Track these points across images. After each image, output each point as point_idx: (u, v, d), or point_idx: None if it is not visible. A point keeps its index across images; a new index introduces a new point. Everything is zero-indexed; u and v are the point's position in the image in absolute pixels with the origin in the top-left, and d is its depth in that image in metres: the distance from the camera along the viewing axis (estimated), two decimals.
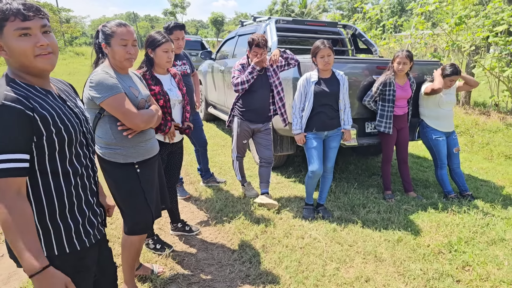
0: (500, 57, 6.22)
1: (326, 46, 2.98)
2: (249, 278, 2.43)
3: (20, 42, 1.07)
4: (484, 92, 8.16)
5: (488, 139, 5.68)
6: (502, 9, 6.26)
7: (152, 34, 2.45)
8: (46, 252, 1.15)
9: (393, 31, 9.41)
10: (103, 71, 1.84)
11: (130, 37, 1.85)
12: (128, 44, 1.85)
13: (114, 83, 1.80)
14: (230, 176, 4.24)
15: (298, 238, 2.87)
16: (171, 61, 2.46)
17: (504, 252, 2.67)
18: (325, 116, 3.11)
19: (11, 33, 1.06)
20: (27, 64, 1.10)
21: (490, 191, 3.91)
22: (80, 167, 1.25)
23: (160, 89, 2.41)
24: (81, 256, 1.24)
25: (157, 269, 2.45)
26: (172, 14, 46.76)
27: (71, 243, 1.21)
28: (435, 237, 2.87)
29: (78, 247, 1.22)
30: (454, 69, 3.49)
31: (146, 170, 2.05)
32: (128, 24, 1.90)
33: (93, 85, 1.79)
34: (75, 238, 1.22)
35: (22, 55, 1.08)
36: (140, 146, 2.00)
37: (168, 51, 2.41)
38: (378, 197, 3.69)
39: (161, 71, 2.52)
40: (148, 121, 1.92)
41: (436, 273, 2.43)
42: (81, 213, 1.25)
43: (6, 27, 1.05)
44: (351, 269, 2.51)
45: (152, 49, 2.42)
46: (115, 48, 1.84)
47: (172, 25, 3.35)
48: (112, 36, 1.84)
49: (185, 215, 3.33)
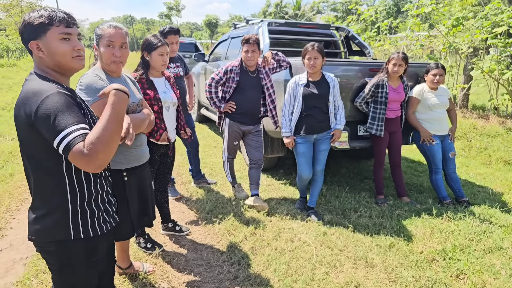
0: (500, 59, 6.14)
1: (314, 48, 2.97)
2: (238, 279, 2.40)
3: (63, 45, 1.25)
4: (483, 95, 8.08)
5: (487, 143, 5.59)
6: (501, 10, 6.19)
7: (148, 38, 2.48)
8: (73, 235, 1.29)
9: (388, 33, 9.35)
10: (93, 74, 1.81)
11: (118, 39, 1.80)
12: (114, 46, 1.80)
13: (103, 86, 1.76)
14: (221, 177, 4.20)
15: (287, 241, 2.81)
16: (166, 64, 2.51)
17: (501, 261, 2.58)
18: (313, 119, 3.08)
19: (55, 36, 1.23)
20: (63, 64, 1.27)
21: (488, 198, 3.82)
22: None
23: (154, 95, 2.42)
24: (96, 246, 1.37)
25: (147, 268, 2.46)
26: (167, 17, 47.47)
27: (94, 228, 1.35)
28: (428, 243, 2.78)
29: (99, 232, 1.36)
30: (435, 64, 3.50)
31: (134, 178, 2.02)
32: (120, 26, 1.84)
33: (83, 88, 1.76)
34: (96, 224, 1.36)
35: (62, 55, 1.25)
36: (130, 152, 1.97)
37: (164, 55, 2.46)
38: (370, 202, 3.61)
39: (156, 74, 2.55)
40: (138, 126, 1.86)
41: (429, 281, 2.36)
42: (102, 201, 1.41)
43: (50, 30, 1.23)
44: (341, 274, 2.44)
45: (148, 52, 2.46)
46: (101, 49, 1.82)
47: (167, 30, 3.39)
48: (100, 37, 1.81)
49: (175, 215, 3.31)
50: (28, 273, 2.38)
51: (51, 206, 1.27)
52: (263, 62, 3.33)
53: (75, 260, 1.32)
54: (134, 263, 2.43)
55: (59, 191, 1.26)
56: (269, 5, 40.29)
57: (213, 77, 3.33)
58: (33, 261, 2.52)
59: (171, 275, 2.44)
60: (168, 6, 45.76)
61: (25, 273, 2.39)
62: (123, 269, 2.37)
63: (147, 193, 2.18)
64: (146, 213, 2.20)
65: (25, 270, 2.44)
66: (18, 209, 3.40)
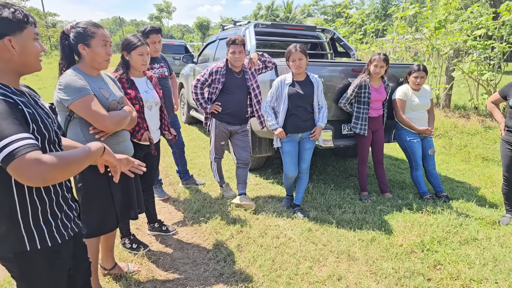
0: (479, 60, 6.36)
1: (297, 50, 3.03)
2: (223, 276, 2.44)
3: (35, 45, 1.24)
4: (464, 95, 8.33)
5: (466, 141, 5.79)
6: (480, 14, 6.42)
7: (128, 37, 2.46)
8: (29, 247, 1.22)
9: (375, 36, 9.55)
10: (72, 73, 1.82)
11: (109, 39, 1.88)
12: (107, 45, 1.86)
13: (83, 85, 1.79)
14: (209, 178, 4.24)
15: (273, 238, 2.88)
16: (147, 64, 2.49)
17: (476, 251, 2.72)
18: (298, 119, 3.16)
19: (31, 35, 1.22)
20: (32, 64, 1.25)
21: (466, 192, 3.98)
22: None
23: (135, 94, 2.41)
24: (57, 250, 1.29)
25: (132, 268, 2.46)
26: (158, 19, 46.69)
27: (52, 236, 1.27)
28: (408, 236, 2.90)
29: (59, 240, 1.28)
30: (417, 65, 3.63)
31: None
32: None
33: (62, 88, 1.78)
34: (55, 232, 1.28)
35: (34, 55, 1.24)
36: (113, 148, 1.96)
37: (144, 54, 2.44)
38: (355, 198, 3.72)
39: (137, 73, 2.54)
40: (119, 123, 1.90)
41: (407, 272, 2.46)
42: (59, 208, 1.32)
43: (27, 29, 1.20)
44: (324, 268, 2.53)
45: (127, 52, 2.44)
46: (96, 49, 1.84)
47: (149, 29, 3.39)
48: (92, 37, 1.83)
49: (163, 216, 3.32)
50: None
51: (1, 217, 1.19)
52: (249, 63, 3.38)
53: (36, 267, 1.25)
54: (119, 264, 2.43)
55: (6, 201, 1.18)
56: (261, 7, 40.48)
57: (199, 79, 3.36)
58: None
59: (156, 274, 2.46)
60: (159, 8, 45.21)
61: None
62: (107, 269, 2.37)
63: (131, 186, 2.17)
64: (130, 206, 2.19)
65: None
66: None
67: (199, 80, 3.36)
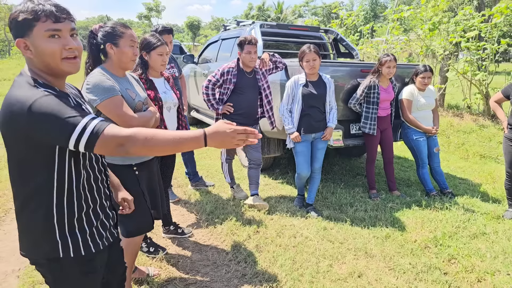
0: (472, 61, 6.56)
1: (311, 50, 3.07)
2: (246, 277, 2.45)
3: (50, 43, 1.08)
4: (457, 95, 8.55)
5: (463, 139, 5.96)
6: (472, 16, 6.61)
7: (147, 37, 2.44)
8: (62, 254, 1.17)
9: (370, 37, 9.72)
10: (99, 73, 1.82)
11: (137, 39, 1.90)
12: (135, 46, 1.88)
13: (111, 85, 1.79)
14: (218, 179, 4.25)
15: (290, 237, 2.91)
16: (166, 64, 2.48)
17: (485, 245, 2.82)
18: (312, 119, 3.20)
19: (41, 34, 1.07)
20: (52, 66, 1.11)
21: (469, 188, 4.11)
22: (92, 171, 1.26)
23: (154, 95, 2.40)
24: (91, 258, 1.25)
25: (152, 271, 2.44)
26: (147, 18, 45.64)
27: (87, 245, 1.22)
28: (421, 232, 2.98)
29: (93, 250, 1.24)
30: (423, 66, 3.73)
31: (145, 173, 2.04)
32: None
33: (90, 87, 1.77)
34: (90, 241, 1.24)
35: (50, 56, 1.09)
36: None
37: (163, 54, 2.43)
38: (364, 196, 3.80)
39: (155, 74, 2.52)
40: (145, 124, 1.90)
41: (424, 267, 2.53)
42: (96, 216, 1.28)
43: (36, 27, 1.06)
44: (344, 265, 2.58)
45: (147, 52, 2.42)
46: (124, 49, 1.85)
47: (160, 29, 3.36)
48: (121, 36, 1.84)
49: (175, 218, 3.30)
50: (24, 285, 2.30)
51: (35, 221, 1.15)
52: (261, 64, 3.39)
53: (69, 274, 1.22)
54: (139, 268, 2.41)
55: (45, 204, 1.14)
56: (252, 8, 40.35)
57: (210, 79, 3.33)
58: (28, 272, 2.43)
59: (178, 277, 2.45)
60: (148, 7, 44.26)
61: (20, 285, 2.32)
62: None
63: (155, 186, 2.20)
64: (154, 206, 2.19)
65: (19, 282, 2.35)
66: (3, 220, 3.23)
67: (210, 80, 3.34)
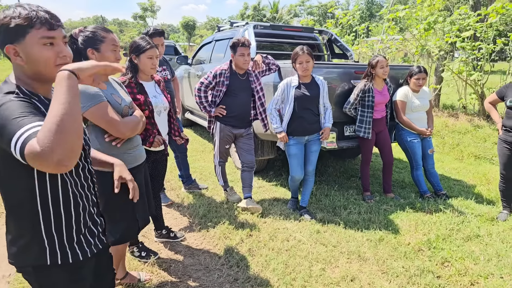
0: (467, 61, 6.56)
1: (304, 52, 3.04)
2: (238, 282, 2.43)
3: (44, 51, 1.07)
4: (452, 95, 8.57)
5: (458, 140, 5.96)
6: (468, 15, 6.61)
7: (136, 40, 2.41)
8: (49, 261, 1.16)
9: (366, 36, 9.72)
10: None
11: (118, 43, 1.86)
12: (117, 50, 1.85)
13: (96, 92, 1.74)
14: (212, 182, 4.22)
15: (283, 241, 2.89)
16: (156, 67, 2.44)
17: (479, 247, 2.81)
18: (305, 121, 3.18)
19: (35, 41, 1.05)
20: (45, 73, 1.09)
21: (463, 190, 4.10)
22: (78, 178, 1.24)
23: (145, 99, 2.36)
24: (79, 266, 1.24)
25: (144, 276, 2.41)
26: (142, 18, 45.46)
27: (74, 253, 1.21)
28: (414, 235, 2.97)
29: (81, 258, 1.23)
30: (417, 67, 3.71)
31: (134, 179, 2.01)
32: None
33: None
34: (77, 248, 1.23)
35: (44, 63, 1.08)
36: (128, 153, 1.96)
37: (153, 58, 2.39)
38: (358, 198, 3.78)
39: (145, 77, 2.48)
40: (134, 128, 1.88)
41: (417, 270, 2.52)
42: (84, 223, 1.26)
43: (30, 34, 1.05)
44: (337, 269, 2.56)
45: (136, 55, 2.37)
46: (106, 54, 1.81)
47: (152, 31, 3.33)
48: (102, 41, 1.80)
49: (168, 222, 3.27)
50: None
51: (22, 228, 1.15)
52: (254, 66, 3.36)
53: (57, 282, 1.21)
54: (130, 273, 2.38)
55: (30, 211, 1.12)
56: (247, 7, 40.29)
57: (202, 82, 3.31)
58: (18, 277, 2.37)
59: (169, 282, 2.42)
60: (143, 7, 44.12)
61: None
62: (119, 279, 2.31)
63: (148, 188, 2.20)
64: (149, 208, 2.19)
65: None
66: None
67: (202, 83, 3.31)
